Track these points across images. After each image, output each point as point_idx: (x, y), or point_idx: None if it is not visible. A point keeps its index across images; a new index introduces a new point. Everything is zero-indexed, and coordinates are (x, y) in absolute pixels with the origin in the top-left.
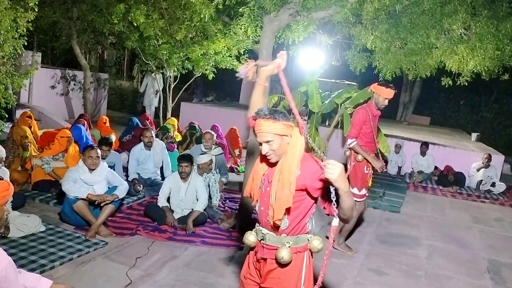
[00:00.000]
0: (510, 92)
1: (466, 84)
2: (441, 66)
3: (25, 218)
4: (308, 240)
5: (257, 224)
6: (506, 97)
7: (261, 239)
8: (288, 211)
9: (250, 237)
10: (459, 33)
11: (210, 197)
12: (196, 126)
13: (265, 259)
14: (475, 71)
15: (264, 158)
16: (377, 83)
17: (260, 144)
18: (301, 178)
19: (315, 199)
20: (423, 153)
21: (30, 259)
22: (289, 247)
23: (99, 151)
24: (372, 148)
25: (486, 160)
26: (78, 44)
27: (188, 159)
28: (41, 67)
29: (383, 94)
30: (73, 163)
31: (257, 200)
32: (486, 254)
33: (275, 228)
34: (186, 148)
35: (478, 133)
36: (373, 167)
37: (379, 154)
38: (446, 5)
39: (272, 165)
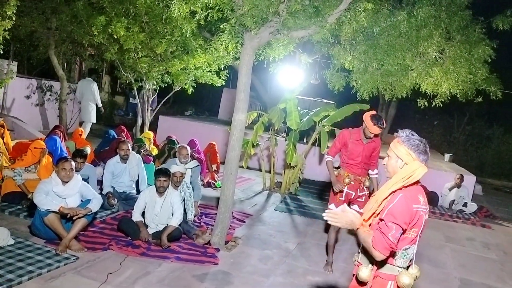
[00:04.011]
0: (482, 115)
1: (441, 105)
2: (416, 87)
3: None
4: (399, 272)
5: None
6: (478, 119)
7: (357, 257)
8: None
9: (355, 256)
10: (434, 56)
11: (185, 211)
12: (175, 140)
13: (353, 275)
14: (450, 93)
15: None
16: (370, 115)
17: None
18: (385, 206)
19: (404, 232)
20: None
21: None
22: (370, 268)
23: (73, 163)
24: (353, 170)
25: (459, 180)
26: (56, 54)
27: (166, 173)
28: (17, 76)
29: (369, 128)
30: (46, 175)
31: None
32: (458, 273)
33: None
34: (164, 162)
35: (451, 154)
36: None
37: (355, 178)
38: (422, 29)
39: None
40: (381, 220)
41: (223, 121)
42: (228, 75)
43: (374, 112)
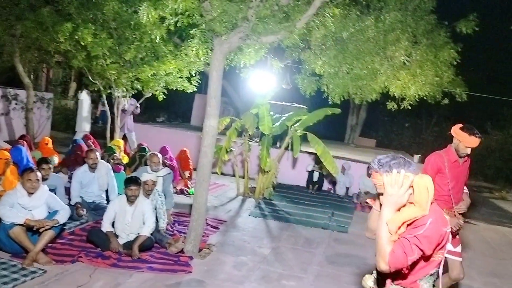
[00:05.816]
0: (449, 116)
1: (410, 108)
2: (385, 91)
3: None
4: None
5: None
6: (445, 121)
7: (374, 284)
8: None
9: (369, 282)
10: (401, 60)
11: (157, 220)
12: (146, 148)
13: None
14: (419, 96)
15: None
16: (460, 127)
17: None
18: (411, 228)
19: (429, 258)
20: (369, 174)
21: None
22: None
23: (39, 174)
24: (449, 203)
25: None
26: (21, 62)
27: (137, 181)
28: None
29: (465, 142)
30: (10, 186)
31: None
32: None
33: (384, 273)
34: (135, 171)
35: (420, 155)
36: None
37: (456, 212)
38: (389, 34)
39: None
40: (405, 238)
41: (196, 127)
42: (200, 81)
43: (460, 124)
